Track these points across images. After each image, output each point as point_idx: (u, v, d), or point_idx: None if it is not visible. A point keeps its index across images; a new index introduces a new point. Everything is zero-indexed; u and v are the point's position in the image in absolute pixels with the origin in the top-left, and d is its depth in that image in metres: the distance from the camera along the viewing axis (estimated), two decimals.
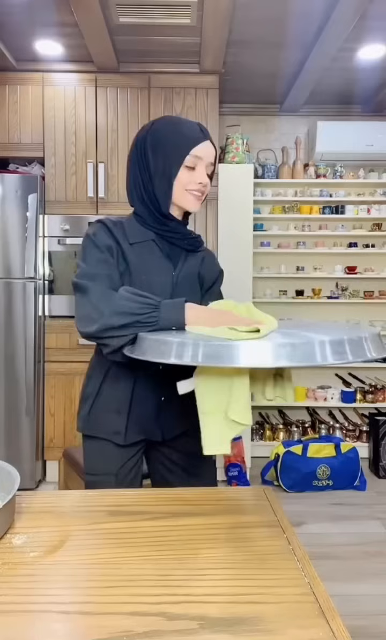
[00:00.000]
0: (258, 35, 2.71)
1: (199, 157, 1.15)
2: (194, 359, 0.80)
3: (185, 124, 1.17)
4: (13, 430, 2.90)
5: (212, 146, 1.18)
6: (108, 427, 1.20)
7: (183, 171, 1.15)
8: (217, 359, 0.77)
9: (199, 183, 1.16)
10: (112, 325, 1.00)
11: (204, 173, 1.17)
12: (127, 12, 2.43)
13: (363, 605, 1.95)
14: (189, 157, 1.15)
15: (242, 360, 0.76)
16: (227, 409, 0.89)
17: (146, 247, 1.18)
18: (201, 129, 1.17)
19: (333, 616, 0.61)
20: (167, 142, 1.15)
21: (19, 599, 0.64)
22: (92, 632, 0.57)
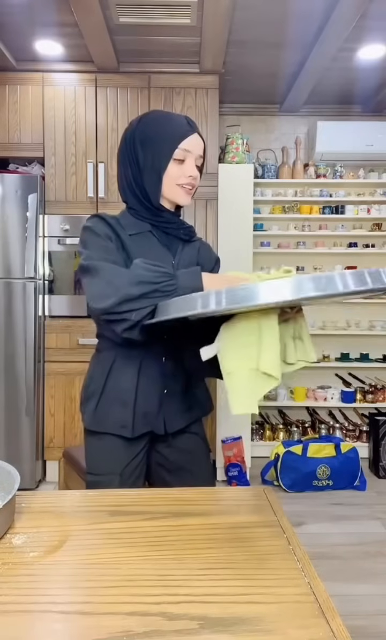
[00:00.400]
0: (258, 36, 2.71)
1: (188, 151, 1.16)
2: (218, 305, 0.80)
3: (173, 117, 1.17)
4: (13, 430, 2.90)
5: (200, 139, 1.19)
6: (116, 421, 1.20)
7: (172, 165, 1.16)
8: (241, 301, 0.78)
9: (189, 176, 1.17)
10: (131, 296, 0.98)
11: (194, 166, 1.18)
12: (127, 12, 2.43)
13: (363, 605, 1.95)
14: (178, 151, 1.15)
15: (265, 297, 0.77)
16: (258, 360, 0.88)
17: (143, 237, 1.20)
18: (189, 122, 1.18)
19: (333, 616, 0.61)
20: (155, 137, 1.16)
21: (19, 599, 0.64)
22: (92, 632, 0.57)
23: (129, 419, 1.19)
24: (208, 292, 0.84)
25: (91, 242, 1.13)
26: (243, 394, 0.88)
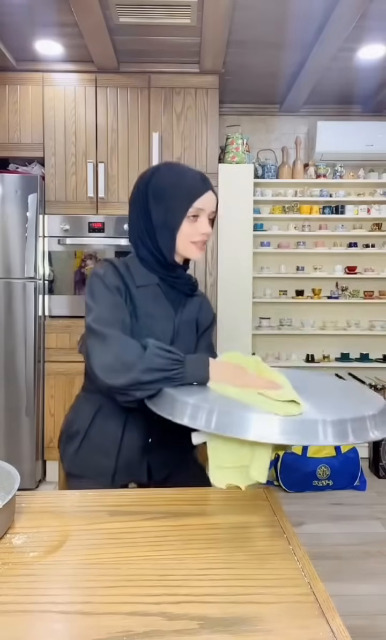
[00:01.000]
0: (258, 36, 2.71)
1: (201, 209, 1.16)
2: (206, 426, 0.83)
3: (187, 174, 1.17)
4: (13, 430, 2.90)
5: (213, 195, 1.19)
6: (96, 469, 1.18)
7: (186, 223, 1.16)
8: (229, 429, 0.80)
9: (203, 234, 1.18)
10: (141, 381, 0.99)
11: (207, 223, 1.19)
12: (127, 12, 2.43)
13: (363, 605, 1.95)
14: (192, 209, 1.15)
15: (254, 434, 0.79)
16: (250, 466, 0.92)
17: (150, 290, 1.20)
18: (203, 179, 1.18)
19: (333, 616, 0.61)
20: (169, 194, 1.16)
21: (19, 599, 0.64)
22: (92, 632, 0.57)
23: (110, 469, 1.18)
24: (198, 406, 0.87)
25: (100, 295, 1.11)
26: (227, 479, 0.94)
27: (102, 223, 3.03)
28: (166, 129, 3.08)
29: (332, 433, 0.77)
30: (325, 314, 3.79)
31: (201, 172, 1.21)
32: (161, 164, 1.22)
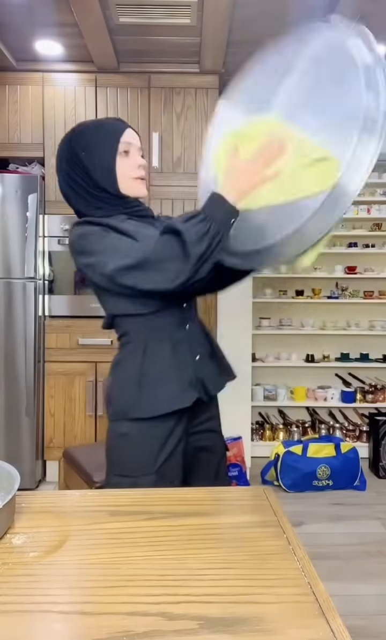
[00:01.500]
0: (258, 35, 2.70)
1: (129, 143, 1.23)
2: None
3: (104, 120, 1.27)
4: (13, 430, 2.90)
5: (135, 132, 1.27)
6: (165, 394, 1.19)
7: (120, 159, 1.22)
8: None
9: (139, 166, 1.24)
10: (201, 255, 1.07)
11: (139, 156, 1.25)
12: (127, 12, 2.43)
13: (363, 605, 1.95)
14: (121, 144, 1.22)
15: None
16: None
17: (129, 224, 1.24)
18: (120, 120, 1.27)
19: (333, 616, 0.61)
20: (96, 139, 1.22)
21: (19, 599, 0.64)
22: (92, 632, 0.57)
23: (179, 387, 1.21)
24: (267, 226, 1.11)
25: (110, 242, 1.16)
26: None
27: None
28: (166, 129, 3.08)
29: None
30: (325, 314, 3.79)
31: (117, 117, 1.30)
32: (75, 125, 1.27)
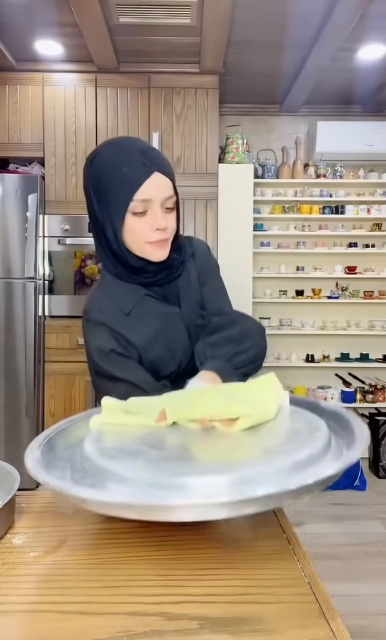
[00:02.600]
0: (258, 35, 2.71)
1: (148, 200, 0.95)
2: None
3: (125, 158, 0.95)
4: (13, 430, 2.90)
5: (163, 177, 0.96)
6: None
7: (132, 220, 0.96)
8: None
9: (156, 230, 0.97)
10: None
11: (159, 215, 0.96)
12: (127, 12, 2.43)
13: (363, 605, 1.95)
14: (134, 204, 0.94)
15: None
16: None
17: (143, 306, 1.05)
18: (147, 160, 0.95)
19: (333, 616, 0.61)
20: (105, 187, 0.96)
21: (19, 599, 0.64)
22: (92, 632, 0.57)
23: None
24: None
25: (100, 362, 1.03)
26: None
27: None
28: (166, 129, 3.08)
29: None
30: (325, 314, 3.79)
31: (144, 149, 0.96)
32: (103, 143, 1.01)
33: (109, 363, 1.02)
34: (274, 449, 0.68)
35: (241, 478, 0.59)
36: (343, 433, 0.76)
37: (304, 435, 0.71)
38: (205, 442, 0.74)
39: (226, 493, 0.57)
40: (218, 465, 0.63)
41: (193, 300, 1.11)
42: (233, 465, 0.63)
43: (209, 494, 0.57)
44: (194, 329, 1.09)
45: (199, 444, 0.73)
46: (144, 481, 0.60)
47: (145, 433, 0.77)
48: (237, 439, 0.73)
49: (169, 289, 1.08)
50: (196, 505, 0.55)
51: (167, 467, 0.63)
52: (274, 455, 0.66)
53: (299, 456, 0.63)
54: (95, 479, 0.65)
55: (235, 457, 0.67)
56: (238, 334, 1.03)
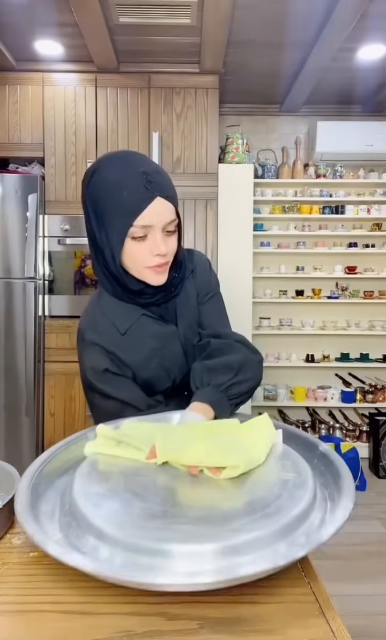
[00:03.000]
0: (258, 35, 2.71)
1: (148, 226, 0.92)
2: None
3: (127, 180, 0.91)
4: (13, 430, 2.90)
5: (165, 202, 0.92)
6: None
7: (131, 245, 0.94)
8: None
9: (156, 255, 0.94)
10: None
11: (160, 240, 0.93)
12: (127, 12, 2.43)
13: (363, 605, 1.95)
14: (134, 229, 0.92)
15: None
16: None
17: (140, 326, 1.03)
18: (148, 183, 0.90)
19: (333, 616, 0.61)
20: (104, 209, 0.94)
21: (19, 599, 0.64)
22: (92, 632, 0.57)
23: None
24: None
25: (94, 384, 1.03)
26: None
27: None
28: (166, 129, 3.08)
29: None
30: (325, 314, 3.79)
31: (147, 171, 0.92)
32: (103, 159, 0.96)
33: (102, 382, 1.02)
34: (261, 507, 0.66)
35: (226, 548, 0.58)
36: (329, 479, 0.76)
37: (291, 489, 0.70)
38: (192, 492, 0.72)
39: (209, 566, 0.57)
40: (202, 528, 0.61)
41: (190, 318, 1.10)
42: (218, 529, 0.61)
43: (191, 567, 0.57)
44: (190, 348, 1.09)
45: (186, 494, 0.72)
46: (123, 544, 0.60)
47: (134, 472, 0.77)
48: (224, 491, 0.72)
49: (167, 307, 1.07)
50: (175, 584, 0.55)
51: (150, 529, 0.62)
52: (261, 515, 0.64)
53: (286, 519, 0.63)
54: (79, 529, 0.65)
55: (220, 517, 0.65)
56: (237, 362, 1.00)
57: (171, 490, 0.73)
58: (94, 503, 0.68)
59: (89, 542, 0.63)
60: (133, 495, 0.70)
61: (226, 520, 0.63)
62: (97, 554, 0.61)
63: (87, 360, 1.03)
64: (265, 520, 0.63)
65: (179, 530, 0.61)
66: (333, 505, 0.69)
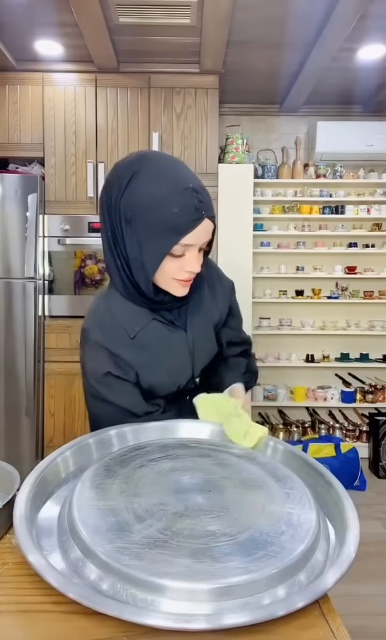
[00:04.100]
0: (258, 36, 2.71)
1: (190, 245, 0.91)
2: None
3: (179, 196, 0.87)
4: (13, 430, 2.90)
5: (210, 223, 0.91)
6: None
7: (168, 261, 0.92)
8: None
9: (188, 272, 0.94)
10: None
11: (196, 258, 0.93)
12: (127, 12, 2.43)
13: (363, 605, 1.95)
14: (178, 247, 0.90)
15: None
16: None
17: (149, 330, 1.02)
18: (199, 203, 0.88)
19: (333, 616, 0.61)
20: (146, 224, 0.89)
21: (19, 599, 0.64)
22: (92, 632, 0.57)
23: None
24: None
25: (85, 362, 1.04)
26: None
27: None
28: (166, 129, 3.08)
29: None
30: (325, 314, 3.79)
31: (197, 188, 0.89)
32: (147, 164, 0.90)
33: (103, 385, 1.00)
34: (263, 545, 0.64)
35: (223, 589, 0.57)
36: (334, 512, 0.75)
37: (294, 526, 0.68)
38: (194, 520, 0.69)
39: (205, 606, 0.56)
40: (200, 566, 0.60)
41: (201, 325, 1.09)
42: (215, 566, 0.60)
43: (186, 607, 0.56)
44: (198, 354, 1.09)
45: (189, 520, 0.69)
46: (121, 573, 0.59)
47: (134, 493, 0.75)
48: (224, 520, 0.69)
49: (179, 313, 1.07)
50: (168, 626, 0.55)
51: (147, 558, 0.61)
52: (262, 554, 0.62)
53: (286, 560, 0.62)
54: (78, 553, 0.64)
55: (219, 553, 0.62)
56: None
57: (173, 513, 0.71)
58: (93, 529, 0.66)
59: (86, 569, 0.62)
60: (134, 517, 0.69)
61: (224, 559, 0.61)
62: (95, 583, 0.60)
63: (90, 363, 1.01)
64: (267, 564, 0.61)
65: (177, 563, 0.60)
66: (337, 542, 0.68)
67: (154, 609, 0.56)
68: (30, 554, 0.62)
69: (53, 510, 0.75)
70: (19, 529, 0.66)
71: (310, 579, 0.63)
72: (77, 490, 0.75)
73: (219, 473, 0.82)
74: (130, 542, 0.64)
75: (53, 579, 0.59)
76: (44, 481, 0.79)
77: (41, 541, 0.68)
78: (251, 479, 0.80)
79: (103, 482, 0.77)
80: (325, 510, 0.76)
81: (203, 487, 0.77)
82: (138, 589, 0.58)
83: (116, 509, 0.71)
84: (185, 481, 0.79)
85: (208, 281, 1.12)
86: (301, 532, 0.67)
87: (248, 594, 0.58)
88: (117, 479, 0.78)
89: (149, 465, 0.83)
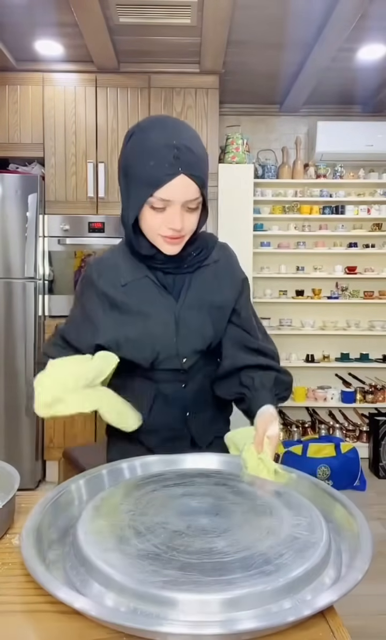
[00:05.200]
0: (258, 36, 2.71)
1: (167, 200, 0.93)
2: None
3: (156, 150, 0.91)
4: (13, 430, 2.90)
5: (189, 181, 0.93)
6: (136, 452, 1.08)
7: (148, 213, 0.96)
8: None
9: (170, 228, 0.96)
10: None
11: (176, 215, 0.94)
12: (127, 12, 2.43)
13: (363, 605, 1.95)
14: (153, 199, 0.93)
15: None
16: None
17: (140, 284, 1.05)
18: (175, 159, 0.90)
19: (333, 616, 0.61)
20: (131, 174, 0.96)
21: (19, 599, 0.64)
22: (92, 632, 0.57)
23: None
24: None
25: (72, 315, 1.13)
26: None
27: (102, 223, 3.03)
28: None
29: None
30: (325, 314, 3.79)
31: (179, 145, 0.91)
32: (145, 122, 0.97)
33: (77, 308, 1.11)
34: (258, 564, 0.63)
35: (232, 600, 0.57)
36: (347, 531, 0.74)
37: (297, 550, 0.66)
38: (186, 539, 0.69)
39: (215, 617, 0.56)
40: (209, 579, 0.60)
41: (198, 305, 1.08)
42: (225, 579, 0.60)
43: (196, 619, 0.56)
44: (186, 331, 1.06)
45: (181, 539, 0.69)
46: (129, 590, 0.59)
47: (141, 511, 0.76)
48: (226, 539, 0.68)
49: (174, 279, 1.07)
50: (180, 634, 0.54)
51: (136, 567, 0.61)
52: (260, 571, 0.61)
53: (294, 573, 0.61)
54: (85, 573, 0.64)
55: (228, 568, 0.62)
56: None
57: (173, 531, 0.71)
58: (102, 549, 0.66)
59: (93, 588, 0.62)
60: (134, 533, 0.69)
61: (233, 571, 0.61)
62: (102, 599, 0.60)
63: (79, 286, 1.11)
64: (274, 577, 0.60)
65: (165, 575, 0.60)
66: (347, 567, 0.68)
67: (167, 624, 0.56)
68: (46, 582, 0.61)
69: (60, 531, 0.77)
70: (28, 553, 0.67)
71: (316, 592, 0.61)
72: (88, 507, 0.77)
73: (231, 499, 0.81)
74: (124, 552, 0.65)
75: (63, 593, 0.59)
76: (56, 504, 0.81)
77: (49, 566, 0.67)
78: (263, 505, 0.79)
79: (113, 502, 0.79)
80: (343, 543, 0.74)
81: (210, 510, 0.77)
82: (144, 605, 0.57)
83: (119, 525, 0.72)
84: (194, 505, 0.78)
85: (218, 264, 1.13)
86: (304, 555, 0.65)
87: (256, 607, 0.57)
88: (127, 500, 0.79)
89: (162, 489, 0.83)
